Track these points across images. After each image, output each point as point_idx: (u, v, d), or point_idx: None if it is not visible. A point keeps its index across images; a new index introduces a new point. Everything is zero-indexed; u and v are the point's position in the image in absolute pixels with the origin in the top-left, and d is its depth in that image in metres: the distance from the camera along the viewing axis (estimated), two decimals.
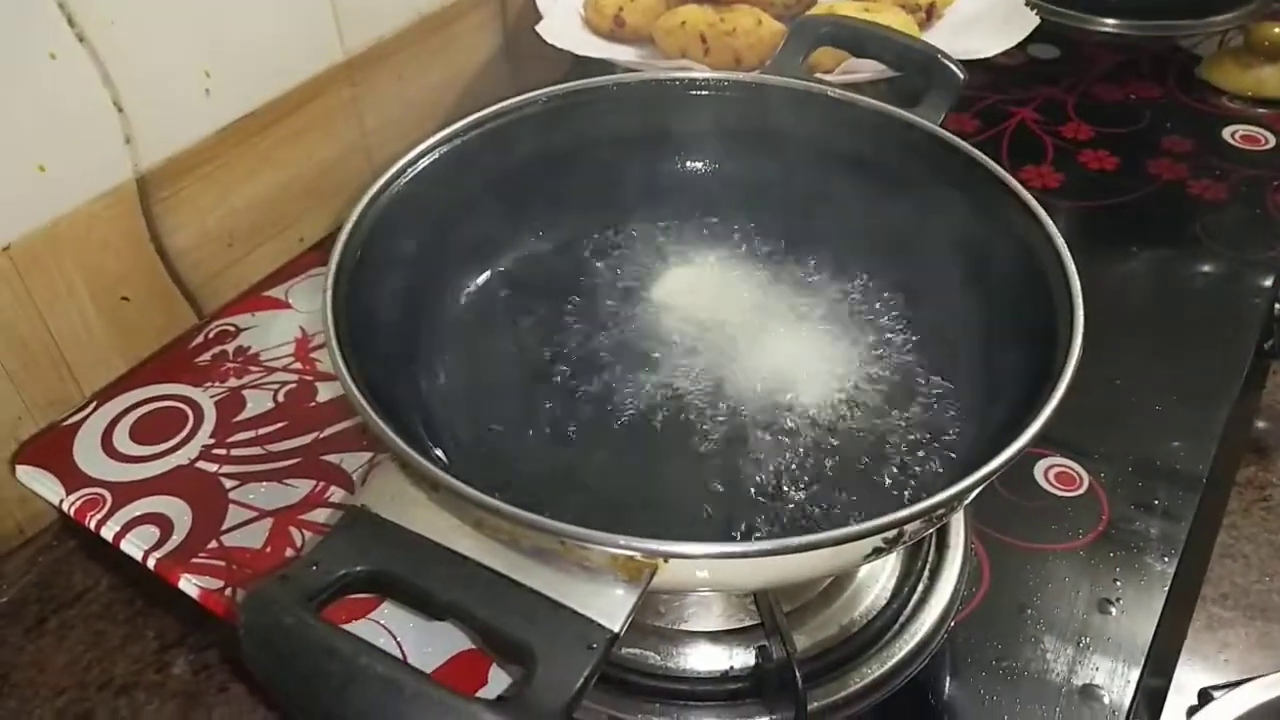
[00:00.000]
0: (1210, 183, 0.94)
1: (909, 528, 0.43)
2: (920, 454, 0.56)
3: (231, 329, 0.79)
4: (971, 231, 0.59)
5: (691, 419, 0.58)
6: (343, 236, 0.54)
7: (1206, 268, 0.85)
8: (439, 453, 0.53)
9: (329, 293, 0.50)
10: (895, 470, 0.55)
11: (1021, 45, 0.89)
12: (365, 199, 0.56)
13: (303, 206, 0.86)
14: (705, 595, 0.58)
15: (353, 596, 0.44)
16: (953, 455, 0.56)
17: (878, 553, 0.45)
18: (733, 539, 0.52)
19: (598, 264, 0.69)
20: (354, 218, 0.55)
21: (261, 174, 0.82)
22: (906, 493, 0.54)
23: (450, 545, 0.43)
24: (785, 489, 0.54)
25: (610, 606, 0.41)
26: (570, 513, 0.41)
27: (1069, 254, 0.52)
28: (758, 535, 0.52)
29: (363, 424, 0.46)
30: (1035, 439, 0.45)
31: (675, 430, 0.57)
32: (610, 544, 0.41)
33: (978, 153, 0.60)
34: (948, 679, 0.57)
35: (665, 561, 0.41)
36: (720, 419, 0.57)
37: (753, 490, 0.54)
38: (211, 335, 0.78)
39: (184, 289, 0.79)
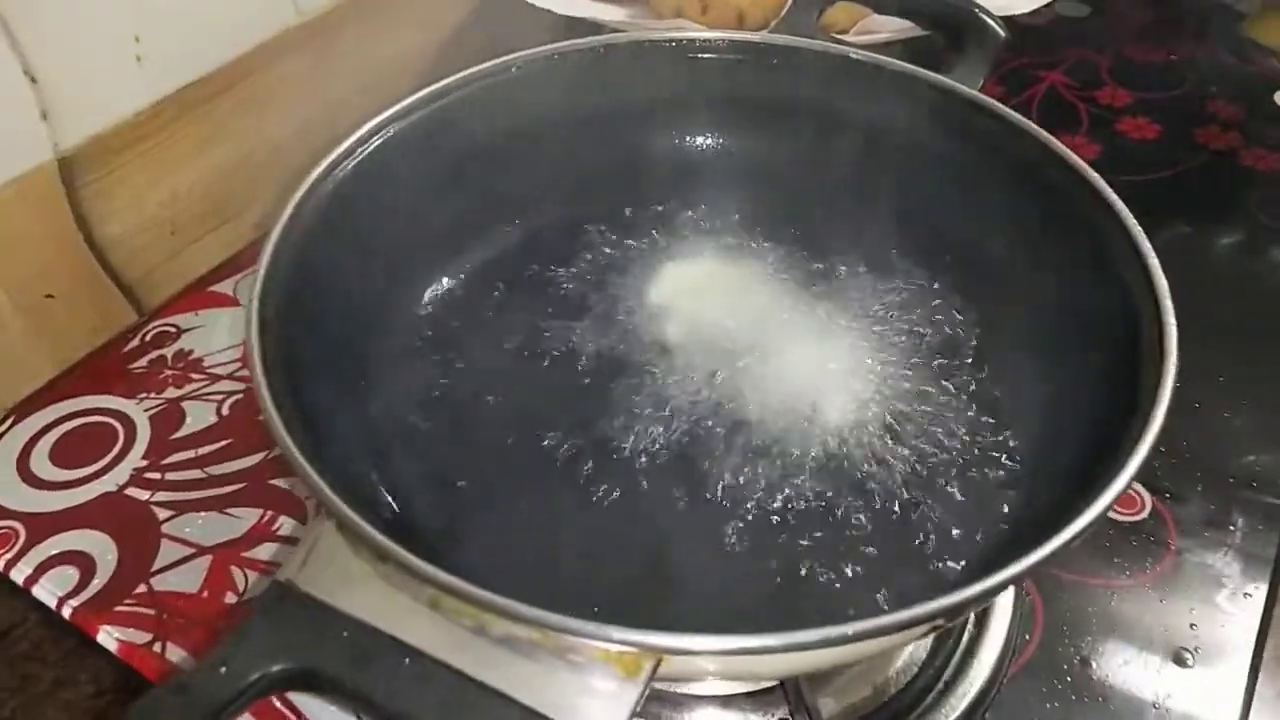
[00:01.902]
0: (1264, 152, 0.86)
1: (959, 613, 0.34)
2: (970, 499, 0.48)
3: (172, 330, 0.70)
4: (1029, 224, 0.51)
5: (699, 457, 0.49)
6: (274, 236, 0.45)
7: (1271, 250, 0.77)
8: (393, 503, 0.44)
9: (255, 303, 0.41)
10: (938, 520, 0.47)
11: (1049, 2, 0.82)
12: (300, 191, 0.47)
13: (255, 189, 0.79)
14: None
15: None
16: (1009, 503, 0.48)
17: (923, 635, 0.36)
18: (751, 616, 0.43)
19: (583, 262, 0.60)
20: (288, 213, 0.46)
21: (206, 153, 0.74)
22: (948, 560, 0.46)
23: (399, 635, 0.34)
24: (811, 548, 0.46)
25: (603, 713, 0.32)
26: (554, 584, 0.36)
27: (1155, 259, 0.43)
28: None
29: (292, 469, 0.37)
30: (1123, 491, 0.36)
31: (679, 472, 0.49)
32: (603, 637, 0.32)
33: (1033, 126, 0.51)
34: None
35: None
36: (732, 455, 0.49)
37: (776, 547, 0.46)
38: (149, 338, 0.70)
39: (120, 284, 0.72)
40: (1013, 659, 0.51)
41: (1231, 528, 0.57)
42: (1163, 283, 0.43)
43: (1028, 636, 0.53)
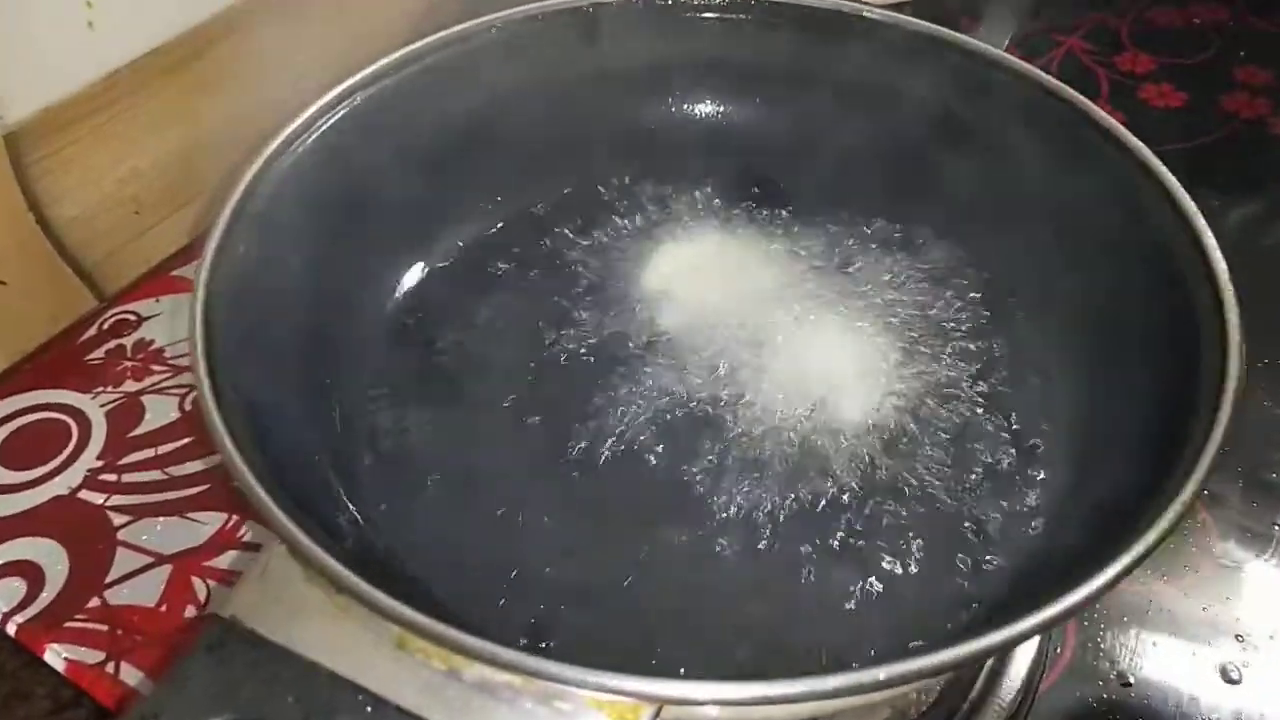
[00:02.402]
0: None
1: (994, 654, 0.30)
2: (1001, 522, 0.43)
3: (132, 318, 0.66)
4: (1061, 197, 0.46)
5: (693, 468, 0.45)
6: (224, 216, 0.40)
7: None
8: (358, 518, 0.40)
9: (199, 303, 0.36)
10: (969, 537, 0.43)
11: None
12: (254, 167, 0.42)
13: (224, 165, 0.73)
14: None
15: None
16: (1037, 521, 0.43)
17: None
18: (752, 651, 0.39)
19: (569, 243, 0.56)
20: (239, 191, 0.41)
21: (167, 128, 0.70)
22: (977, 592, 0.41)
23: (359, 679, 0.30)
24: (826, 569, 0.42)
25: None
26: (536, 614, 0.33)
27: (1215, 246, 0.38)
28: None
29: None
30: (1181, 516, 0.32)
31: (677, 485, 0.44)
32: (596, 685, 0.28)
33: (1068, 89, 0.46)
34: None
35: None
36: (736, 458, 0.44)
37: (775, 574, 0.42)
38: (106, 326, 0.66)
39: (78, 268, 0.67)
40: (1043, 675, 0.47)
41: (1275, 526, 0.53)
42: (1221, 265, 0.39)
43: (1059, 650, 0.49)
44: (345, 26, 0.79)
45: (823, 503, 0.44)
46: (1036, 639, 0.47)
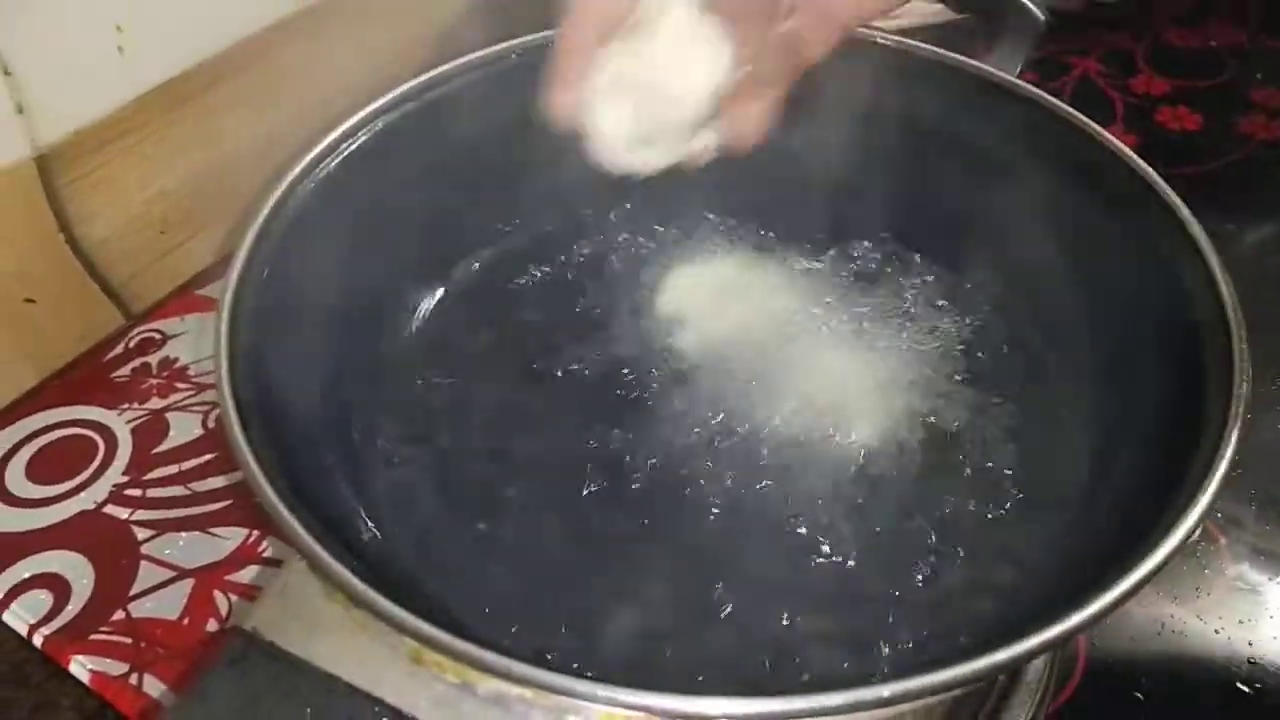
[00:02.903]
0: None
1: (1005, 670, 0.31)
2: (1012, 540, 0.44)
3: (157, 336, 0.67)
4: (1074, 224, 0.47)
5: (709, 490, 0.45)
6: (248, 239, 0.41)
7: None
8: (377, 535, 0.40)
9: (224, 325, 0.37)
10: (970, 555, 0.43)
11: None
12: (279, 189, 0.43)
13: (249, 186, 0.73)
14: None
15: None
16: (1046, 540, 0.44)
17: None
18: (762, 667, 0.39)
19: (587, 265, 0.57)
20: (264, 213, 0.42)
21: (197, 148, 0.70)
22: (986, 607, 0.42)
23: (376, 692, 0.30)
24: (828, 592, 0.43)
25: None
26: (554, 630, 0.35)
27: (1217, 259, 0.39)
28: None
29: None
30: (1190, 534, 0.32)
31: (689, 506, 0.45)
32: (607, 700, 0.28)
33: (1080, 116, 0.47)
34: None
35: None
36: (751, 482, 0.45)
37: (785, 591, 0.43)
38: (133, 344, 0.67)
39: (107, 287, 0.68)
40: (1053, 697, 0.47)
41: None
42: (1227, 288, 0.39)
43: (1072, 666, 0.49)
44: (365, 51, 0.80)
45: (836, 526, 0.45)
46: (1044, 658, 0.47)
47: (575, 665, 0.30)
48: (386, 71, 0.80)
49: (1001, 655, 0.30)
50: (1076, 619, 0.31)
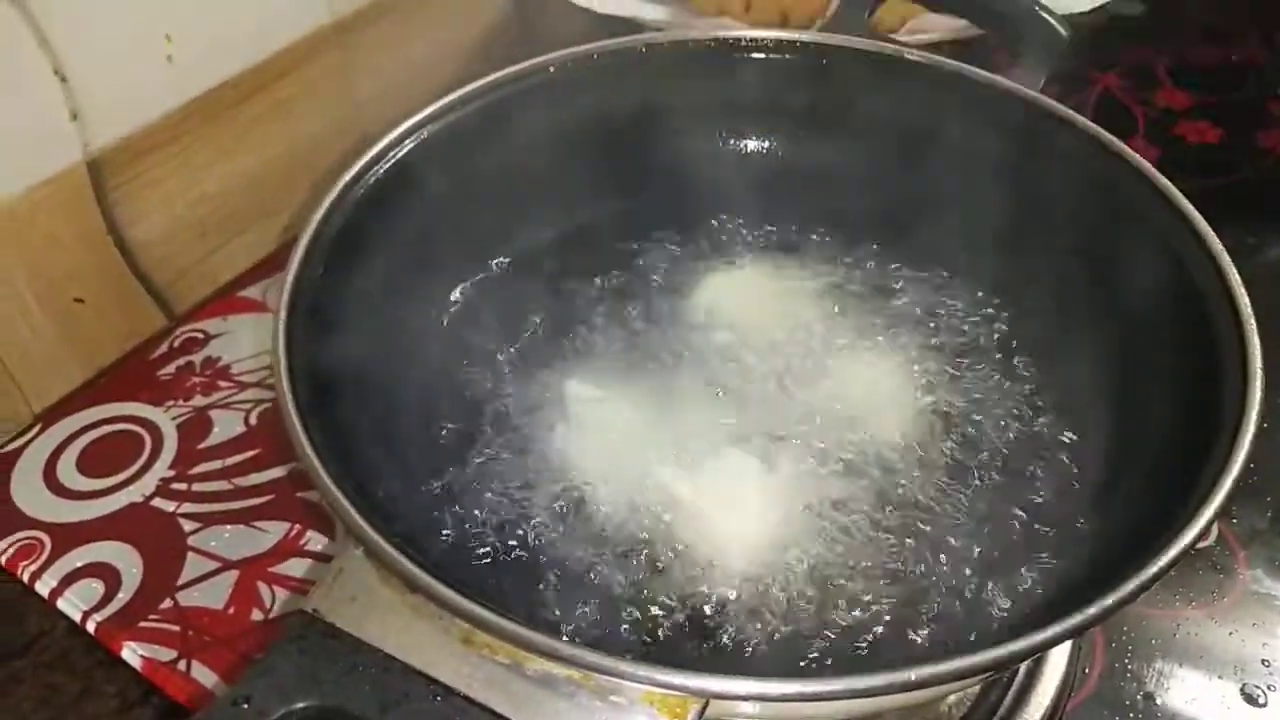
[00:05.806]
0: None
1: (1027, 656, 0.32)
2: (1033, 535, 0.45)
3: (200, 336, 0.69)
4: (1094, 235, 0.48)
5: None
6: (304, 241, 0.43)
7: None
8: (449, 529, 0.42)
9: (282, 321, 0.39)
10: (998, 556, 0.45)
11: (1104, 2, 0.80)
12: (332, 195, 0.45)
13: (286, 190, 0.77)
14: None
15: None
16: (1063, 541, 0.45)
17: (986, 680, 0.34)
18: (805, 651, 0.40)
19: (623, 274, 0.58)
20: (318, 217, 0.44)
21: (237, 154, 0.72)
22: (1006, 598, 0.43)
23: (429, 671, 0.32)
24: (867, 584, 0.44)
25: None
26: (597, 613, 0.35)
27: (1237, 280, 0.40)
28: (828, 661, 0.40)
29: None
30: (1206, 529, 0.33)
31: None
32: (648, 679, 0.30)
33: (1100, 130, 0.48)
34: None
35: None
36: (787, 476, 0.46)
37: (822, 581, 0.44)
38: (177, 344, 0.69)
39: (151, 288, 0.70)
40: (1072, 694, 0.49)
41: None
42: (1244, 299, 0.40)
43: (1087, 670, 0.50)
44: (403, 60, 0.82)
45: (867, 524, 0.46)
46: (1065, 658, 0.49)
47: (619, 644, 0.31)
48: (422, 82, 0.83)
49: (1019, 644, 0.32)
50: (1090, 612, 0.32)
